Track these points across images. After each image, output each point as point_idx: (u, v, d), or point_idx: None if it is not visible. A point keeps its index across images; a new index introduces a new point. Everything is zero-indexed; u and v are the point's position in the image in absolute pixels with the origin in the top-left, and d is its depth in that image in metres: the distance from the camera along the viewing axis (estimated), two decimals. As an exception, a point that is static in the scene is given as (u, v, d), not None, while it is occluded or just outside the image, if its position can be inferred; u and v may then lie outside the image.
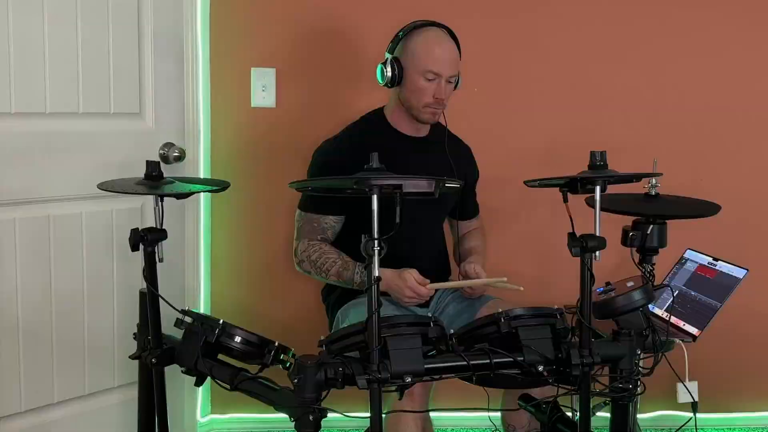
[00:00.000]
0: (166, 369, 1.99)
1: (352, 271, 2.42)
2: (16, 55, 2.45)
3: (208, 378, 1.90)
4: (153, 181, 1.96)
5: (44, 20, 2.49)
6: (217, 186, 2.12)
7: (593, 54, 3.09)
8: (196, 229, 3.03)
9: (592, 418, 1.86)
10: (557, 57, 3.08)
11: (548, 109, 3.11)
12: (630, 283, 1.91)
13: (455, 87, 2.53)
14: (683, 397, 2.37)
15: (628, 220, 2.34)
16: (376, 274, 1.67)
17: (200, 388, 2.86)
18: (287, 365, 1.82)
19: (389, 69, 2.45)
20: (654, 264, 2.37)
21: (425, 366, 1.73)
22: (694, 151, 3.17)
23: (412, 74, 2.44)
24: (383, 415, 1.71)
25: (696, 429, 3.10)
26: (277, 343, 1.87)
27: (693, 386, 2.32)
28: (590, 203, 1.88)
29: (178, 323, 1.93)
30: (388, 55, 2.49)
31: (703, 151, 3.18)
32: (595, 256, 1.80)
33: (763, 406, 3.37)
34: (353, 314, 2.43)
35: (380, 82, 2.50)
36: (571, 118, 3.11)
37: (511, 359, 1.78)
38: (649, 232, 2.30)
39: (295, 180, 1.96)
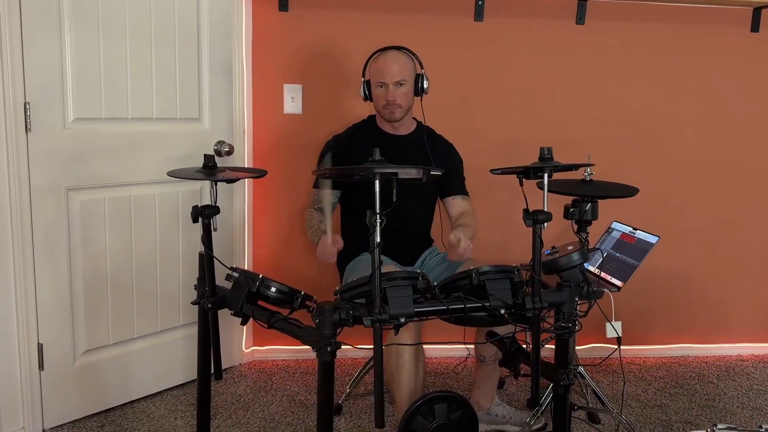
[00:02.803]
0: (219, 312, 1.98)
1: (315, 235, 2.38)
2: (105, 73, 2.43)
3: (251, 318, 1.89)
4: (209, 169, 1.93)
5: (126, 46, 2.46)
6: (257, 173, 2.10)
7: (543, 74, 3.06)
8: (242, 206, 3.01)
9: (541, 349, 1.86)
10: (516, 76, 3.05)
11: (508, 115, 3.07)
12: (570, 247, 1.90)
13: (420, 92, 2.49)
14: (610, 333, 2.36)
15: (568, 200, 2.33)
16: (378, 240, 1.65)
17: (244, 326, 2.86)
18: (311, 309, 1.80)
19: (362, 89, 2.52)
20: (588, 232, 2.36)
21: (415, 309, 1.72)
22: (618, 147, 3.14)
23: (373, 87, 2.49)
24: (383, 347, 1.69)
25: (620, 358, 3.12)
26: (303, 293, 1.85)
27: (618, 325, 2.31)
28: (540, 186, 1.86)
29: (228, 277, 1.91)
30: (362, 78, 2.53)
31: (626, 147, 3.15)
32: (544, 226, 1.79)
33: (670, 340, 3.36)
34: (359, 270, 2.41)
35: (362, 98, 2.55)
36: (526, 122, 3.08)
37: (480, 304, 1.77)
38: (586, 208, 2.28)
39: (314, 169, 1.93)
